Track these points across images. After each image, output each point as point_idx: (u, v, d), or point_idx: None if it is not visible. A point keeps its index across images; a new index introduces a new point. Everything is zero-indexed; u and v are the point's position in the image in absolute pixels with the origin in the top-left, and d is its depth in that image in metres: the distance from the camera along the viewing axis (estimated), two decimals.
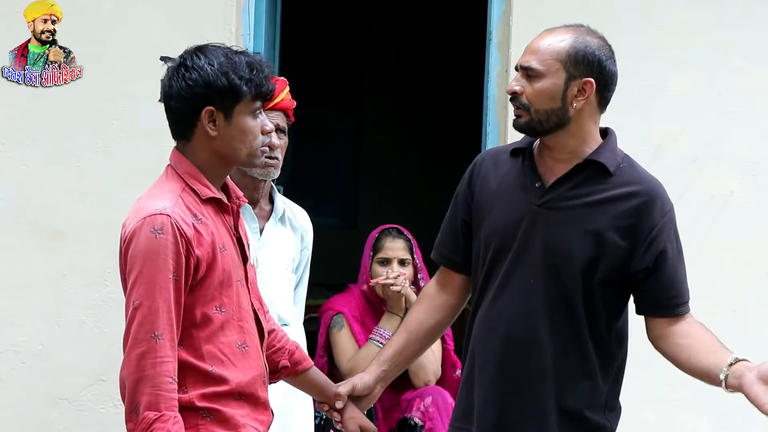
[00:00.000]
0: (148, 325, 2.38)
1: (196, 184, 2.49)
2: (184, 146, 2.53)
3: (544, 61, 2.64)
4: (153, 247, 2.39)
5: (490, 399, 2.72)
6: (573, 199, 2.66)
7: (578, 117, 2.67)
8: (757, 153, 4.37)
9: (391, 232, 4.46)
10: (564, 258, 2.63)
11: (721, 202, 4.37)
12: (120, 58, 4.38)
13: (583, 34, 2.68)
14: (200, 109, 2.46)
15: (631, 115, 4.34)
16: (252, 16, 4.41)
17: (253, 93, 2.48)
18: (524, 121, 2.68)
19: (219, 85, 2.44)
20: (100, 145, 4.38)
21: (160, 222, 2.40)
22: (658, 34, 4.38)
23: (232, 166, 2.56)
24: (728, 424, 4.33)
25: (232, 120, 2.48)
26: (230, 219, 2.57)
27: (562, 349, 2.65)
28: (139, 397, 2.37)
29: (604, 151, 2.69)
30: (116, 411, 4.32)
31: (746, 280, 4.35)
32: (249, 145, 2.51)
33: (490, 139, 4.45)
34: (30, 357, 4.36)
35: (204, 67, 2.46)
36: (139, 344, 2.38)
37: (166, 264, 2.39)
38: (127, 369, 2.39)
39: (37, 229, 4.39)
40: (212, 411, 2.45)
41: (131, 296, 2.41)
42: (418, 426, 4.27)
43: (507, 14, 4.39)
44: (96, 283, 4.36)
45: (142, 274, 2.39)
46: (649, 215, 2.63)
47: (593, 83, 2.65)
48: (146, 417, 2.36)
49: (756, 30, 4.38)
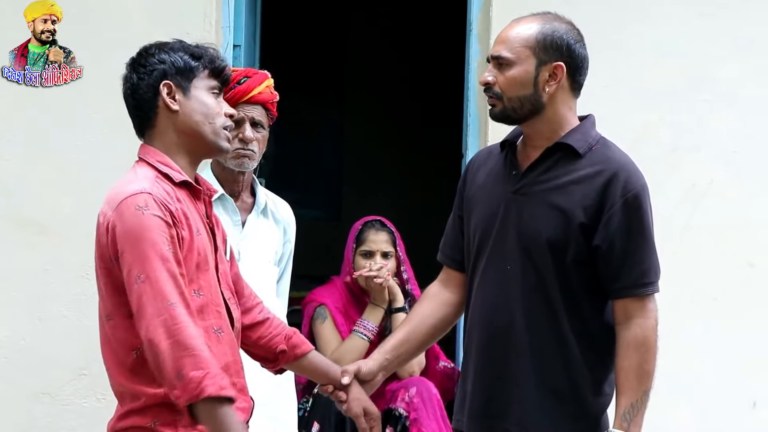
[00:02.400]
0: (160, 296, 2.36)
1: (168, 169, 2.52)
2: (150, 135, 2.57)
3: (514, 49, 2.68)
4: (142, 223, 2.39)
5: (478, 386, 2.76)
6: (544, 183, 2.70)
7: (552, 102, 2.70)
8: (736, 142, 4.39)
9: (374, 224, 4.47)
10: (534, 241, 2.66)
11: (701, 191, 4.39)
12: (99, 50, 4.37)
13: (551, 20, 2.73)
14: (158, 85, 2.52)
15: (610, 105, 4.36)
16: (232, 8, 4.41)
17: (208, 67, 2.55)
18: (498, 109, 2.72)
19: (173, 60, 2.53)
20: (84, 138, 4.38)
21: (143, 200, 2.41)
22: (638, 25, 4.40)
23: (199, 148, 2.57)
24: (708, 413, 4.35)
25: (190, 94, 2.54)
26: (202, 206, 2.58)
27: (540, 334, 2.67)
28: (179, 361, 2.33)
29: (575, 133, 2.72)
30: (99, 405, 4.32)
31: (727, 268, 4.37)
32: (211, 121, 2.55)
33: (471, 129, 4.47)
34: (12, 352, 4.36)
35: (157, 53, 2.56)
36: (160, 314, 2.35)
37: (159, 236, 2.39)
38: (157, 340, 2.35)
39: (20, 224, 4.39)
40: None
41: (132, 273, 2.37)
42: (403, 416, 4.29)
43: (487, 5, 4.40)
44: (78, 277, 4.35)
45: (138, 249, 2.38)
46: (610, 193, 2.64)
47: (563, 67, 2.69)
48: (193, 377, 2.33)
49: (734, 20, 4.40)
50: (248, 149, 3.51)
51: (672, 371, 4.35)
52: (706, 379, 4.35)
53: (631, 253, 2.65)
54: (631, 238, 2.65)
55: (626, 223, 2.64)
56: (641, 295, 2.66)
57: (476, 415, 2.75)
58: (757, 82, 4.40)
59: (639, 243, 2.66)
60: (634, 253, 2.65)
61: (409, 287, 4.43)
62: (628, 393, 2.63)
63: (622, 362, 2.64)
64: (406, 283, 4.45)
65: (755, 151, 4.39)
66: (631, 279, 2.65)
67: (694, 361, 4.35)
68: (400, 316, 4.31)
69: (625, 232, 2.64)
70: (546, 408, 2.67)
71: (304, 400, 4.30)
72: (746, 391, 4.35)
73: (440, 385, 4.42)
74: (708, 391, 4.36)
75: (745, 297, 4.36)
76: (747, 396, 4.36)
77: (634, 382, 2.62)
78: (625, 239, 2.64)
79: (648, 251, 2.67)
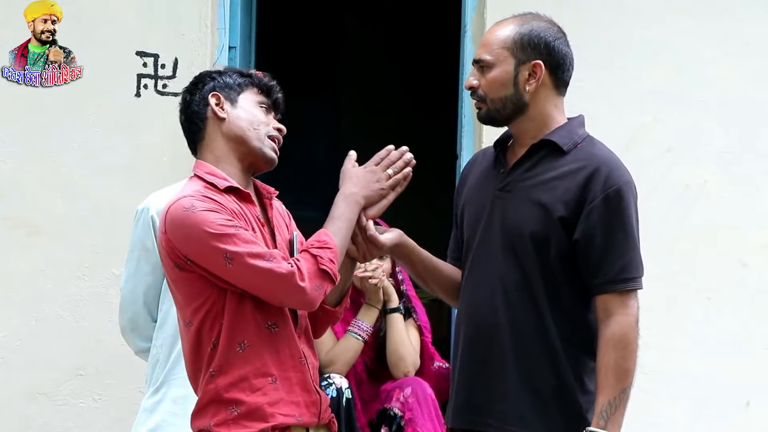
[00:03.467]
0: (250, 257, 2.46)
1: (213, 178, 2.59)
2: (201, 148, 2.66)
3: (493, 51, 2.72)
4: (195, 220, 2.47)
5: (462, 382, 2.77)
6: (528, 179, 2.72)
7: (535, 101, 2.73)
8: (730, 143, 4.40)
9: None
10: (517, 236, 2.68)
11: (695, 192, 4.40)
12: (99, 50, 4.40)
13: (529, 20, 2.76)
14: (207, 96, 2.64)
15: (605, 106, 4.38)
16: (227, 10, 4.43)
17: (256, 84, 2.68)
18: (484, 112, 2.76)
19: (223, 78, 2.67)
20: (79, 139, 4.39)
21: (188, 202, 2.50)
22: (632, 26, 4.42)
23: (246, 156, 2.64)
24: (702, 412, 4.36)
25: (238, 104, 2.65)
26: (256, 209, 2.65)
27: (524, 330, 2.69)
28: (299, 272, 2.49)
29: (560, 130, 2.74)
30: (95, 405, 4.34)
31: (720, 268, 4.38)
32: (256, 127, 2.64)
33: (466, 130, 4.48)
34: (8, 352, 4.38)
35: (210, 74, 2.71)
36: (268, 268, 2.46)
37: (213, 223, 2.46)
38: (289, 288, 2.48)
39: (15, 225, 4.40)
40: (237, 403, 2.49)
41: (218, 263, 2.46)
42: (398, 416, 4.29)
43: (481, 7, 4.42)
44: (74, 278, 4.37)
45: (206, 244, 2.46)
46: (591, 187, 2.65)
47: (542, 65, 2.71)
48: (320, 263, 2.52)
49: (727, 21, 4.42)
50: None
51: (666, 371, 4.37)
52: (700, 378, 4.36)
53: (611, 247, 2.65)
54: (612, 233, 2.64)
55: (607, 218, 2.64)
56: (621, 291, 2.66)
57: (460, 410, 2.77)
58: (750, 83, 4.41)
59: (619, 238, 2.65)
60: (614, 248, 2.65)
61: (404, 288, 4.45)
62: (605, 390, 2.63)
63: (601, 359, 2.65)
64: (401, 284, 4.46)
65: (748, 151, 4.41)
66: (611, 274, 2.65)
67: (688, 360, 4.36)
68: (395, 316, 4.33)
69: (605, 226, 2.64)
70: (528, 404, 2.68)
71: None
72: (740, 391, 4.36)
73: (435, 386, 4.43)
74: (702, 390, 4.37)
75: (738, 297, 4.37)
76: (741, 395, 4.37)
77: (612, 380, 2.63)
78: (605, 234, 2.64)
79: (629, 247, 2.67)
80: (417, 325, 4.50)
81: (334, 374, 4.28)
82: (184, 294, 2.55)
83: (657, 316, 4.36)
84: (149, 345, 3.42)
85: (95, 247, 4.36)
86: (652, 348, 4.32)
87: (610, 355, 2.64)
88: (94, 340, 4.33)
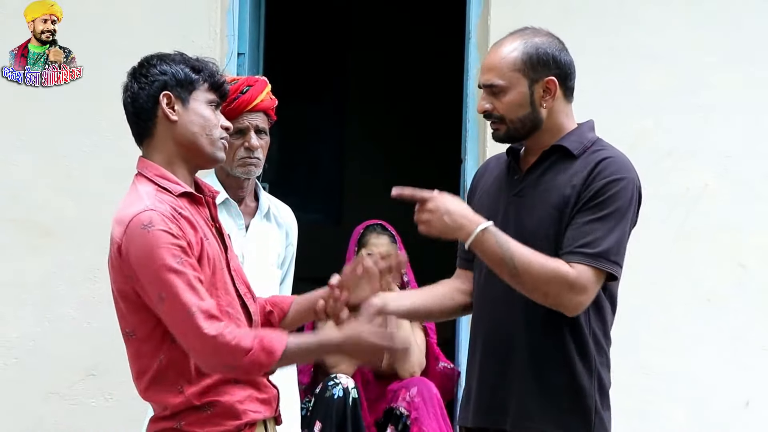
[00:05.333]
0: (183, 310, 2.39)
1: (167, 182, 2.54)
2: (148, 146, 2.59)
3: (504, 74, 2.73)
4: (149, 241, 2.41)
5: (482, 381, 2.80)
6: (541, 184, 2.76)
7: (550, 114, 2.76)
8: (730, 147, 4.43)
9: (375, 228, 4.52)
10: (532, 239, 2.70)
11: (696, 195, 4.43)
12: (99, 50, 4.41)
13: (531, 37, 2.76)
14: (158, 95, 2.54)
15: (607, 111, 4.40)
16: (236, 17, 4.44)
17: (208, 81, 2.58)
18: (503, 132, 2.78)
19: (174, 72, 2.55)
20: (90, 143, 4.42)
21: (147, 218, 2.43)
22: (633, 32, 4.45)
23: (196, 158, 2.59)
24: (702, 412, 4.39)
25: (189, 105, 2.55)
26: (206, 211, 2.62)
27: (540, 329, 2.72)
28: (225, 359, 2.40)
29: (570, 136, 2.78)
30: (108, 404, 4.37)
31: (720, 270, 4.41)
32: (209, 132, 2.57)
33: (470, 135, 4.50)
34: (22, 353, 4.41)
35: (158, 63, 2.57)
36: (187, 327, 2.40)
37: (167, 251, 2.41)
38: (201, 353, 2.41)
39: (27, 227, 4.44)
40: (211, 404, 2.48)
41: (153, 294, 2.41)
42: (404, 416, 4.33)
43: (485, 14, 4.45)
44: (85, 279, 4.40)
45: (151, 269, 2.41)
46: (594, 176, 2.68)
47: (555, 80, 2.74)
48: (253, 360, 2.40)
49: (727, 27, 4.45)
50: (254, 157, 3.58)
51: (666, 371, 4.40)
52: (700, 378, 4.38)
53: (592, 223, 2.65)
54: (598, 213, 2.66)
55: (599, 200, 2.66)
56: (585, 263, 2.64)
57: (481, 410, 2.80)
58: (749, 88, 4.44)
59: (603, 219, 2.66)
60: (596, 226, 2.65)
61: (409, 290, 4.48)
62: (513, 242, 2.65)
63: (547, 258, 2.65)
64: (407, 286, 4.49)
65: (748, 155, 4.44)
66: (579, 243, 2.65)
67: (687, 361, 4.39)
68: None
69: (594, 206, 2.66)
70: (545, 401, 2.71)
71: (307, 400, 4.34)
72: (739, 391, 4.39)
73: (440, 386, 4.47)
74: (701, 390, 4.38)
75: (737, 298, 4.40)
76: (740, 395, 4.40)
77: (521, 247, 2.63)
78: (591, 212, 2.66)
79: (611, 230, 2.66)
80: (422, 327, 4.55)
81: (340, 374, 4.32)
82: (128, 305, 2.49)
83: (657, 317, 4.41)
84: None
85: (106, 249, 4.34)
86: (651, 348, 4.38)
87: (548, 261, 2.64)
88: (106, 340, 4.31)
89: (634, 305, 4.39)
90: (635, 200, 2.74)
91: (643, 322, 4.40)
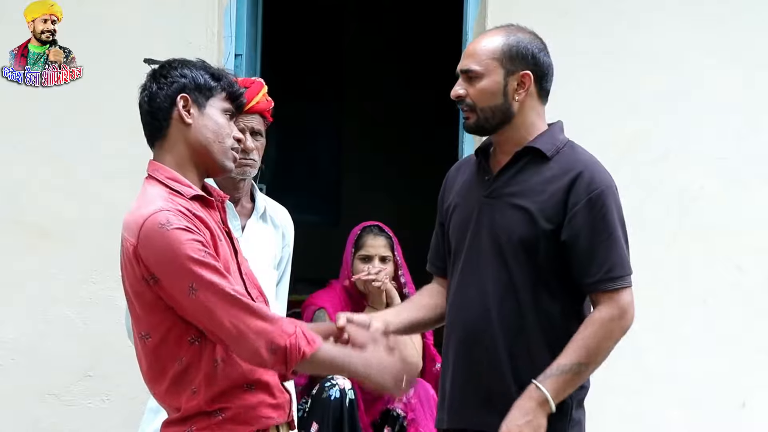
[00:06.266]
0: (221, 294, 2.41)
1: (178, 185, 2.54)
2: (160, 147, 2.59)
3: (482, 61, 2.78)
4: (170, 240, 2.41)
5: (455, 383, 2.84)
6: (513, 185, 2.79)
7: (521, 110, 2.80)
8: (725, 149, 4.45)
9: (372, 229, 4.53)
10: (506, 241, 2.75)
11: (692, 197, 4.45)
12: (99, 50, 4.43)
13: (515, 32, 2.82)
14: (175, 96, 2.55)
15: (604, 112, 4.43)
16: (234, 18, 4.45)
17: (226, 90, 2.61)
18: (472, 121, 2.82)
19: (194, 76, 2.58)
20: (88, 143, 4.43)
21: (164, 217, 2.43)
22: (629, 34, 4.46)
23: (206, 164, 2.60)
24: (698, 414, 4.40)
25: (205, 111, 2.57)
26: (217, 214, 2.62)
27: (513, 329, 2.75)
28: (267, 339, 2.41)
29: (543, 137, 2.81)
30: (104, 406, 4.38)
31: (716, 272, 4.43)
32: (221, 140, 2.58)
33: (467, 136, 4.50)
34: (19, 353, 4.42)
35: (179, 67, 2.60)
36: (231, 309, 2.41)
37: (190, 246, 2.41)
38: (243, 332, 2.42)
39: (26, 228, 4.44)
40: (222, 410, 2.48)
41: (182, 288, 2.40)
42: (401, 417, 4.33)
43: (482, 14, 4.46)
44: (83, 280, 4.41)
45: (177, 265, 2.41)
46: (575, 191, 2.73)
47: (531, 75, 2.78)
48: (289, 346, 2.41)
49: (723, 30, 4.46)
50: (249, 158, 3.59)
51: (663, 372, 4.41)
52: (697, 380, 4.39)
53: (596, 250, 2.72)
54: (596, 236, 2.72)
55: (591, 221, 2.71)
56: (609, 290, 2.74)
57: (456, 410, 2.84)
58: (745, 90, 4.46)
59: (603, 240, 2.73)
60: (599, 250, 2.72)
61: (406, 291, 4.48)
62: (563, 356, 2.69)
63: (576, 332, 2.72)
64: (404, 287, 4.50)
65: (744, 157, 4.45)
66: (598, 275, 2.72)
67: (684, 362, 4.40)
68: None
69: (589, 229, 2.71)
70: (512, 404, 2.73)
71: (303, 401, 4.35)
72: (736, 392, 4.40)
73: (437, 386, 4.47)
74: (698, 391, 4.40)
75: (733, 300, 4.42)
76: (736, 396, 4.41)
77: (571, 349, 2.69)
78: (590, 237, 2.72)
79: (613, 248, 2.74)
80: None
81: (336, 375, 4.33)
82: (144, 307, 2.48)
83: (653, 319, 4.40)
84: None
85: (104, 250, 4.35)
86: (648, 350, 4.39)
87: (581, 331, 2.72)
88: (103, 342, 4.35)
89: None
90: (620, 202, 2.79)
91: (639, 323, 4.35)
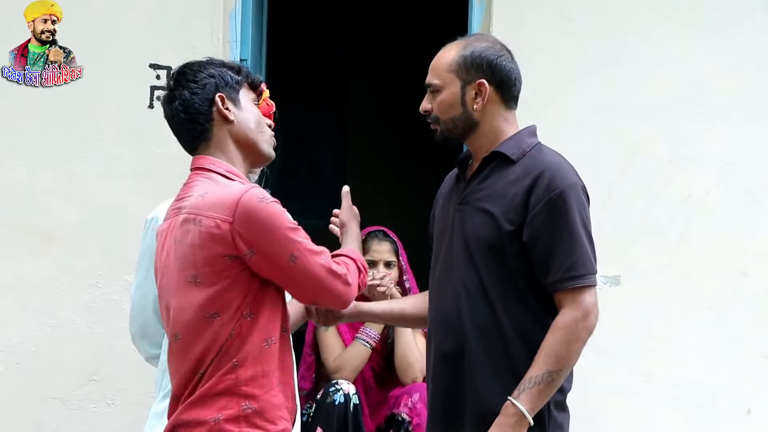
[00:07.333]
0: (315, 260, 2.52)
1: (237, 179, 2.58)
2: (206, 150, 2.62)
3: (440, 75, 2.87)
4: (271, 211, 2.48)
5: (435, 387, 2.88)
6: (481, 190, 2.84)
7: (485, 117, 2.85)
8: (731, 154, 4.45)
9: (377, 234, 4.53)
10: (475, 245, 2.79)
11: (697, 202, 4.45)
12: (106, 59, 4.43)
13: (472, 42, 2.88)
14: (212, 97, 2.59)
15: (608, 118, 4.43)
16: (239, 23, 4.45)
17: (248, 80, 2.67)
18: (438, 133, 2.91)
19: (220, 74, 2.62)
20: (91, 148, 4.43)
21: (261, 192, 2.49)
22: (634, 39, 4.46)
23: (252, 156, 2.65)
24: (703, 420, 4.40)
25: (241, 105, 2.63)
26: None
27: (486, 331, 2.78)
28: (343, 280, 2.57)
29: (508, 141, 2.85)
30: (108, 410, 4.38)
31: (721, 278, 4.43)
32: (263, 129, 2.66)
33: None
34: (23, 357, 4.42)
35: (204, 68, 2.63)
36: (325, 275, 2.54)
37: (286, 216, 2.51)
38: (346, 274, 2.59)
39: (29, 233, 4.45)
40: (253, 399, 2.47)
41: (282, 257, 2.49)
42: (406, 422, 4.33)
43: (487, 20, 4.48)
44: (87, 285, 4.41)
45: (279, 235, 2.48)
46: (535, 192, 2.75)
47: (485, 83, 2.82)
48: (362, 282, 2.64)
49: (728, 35, 4.47)
50: None
51: (667, 379, 4.41)
52: (701, 386, 4.39)
53: (556, 249, 2.73)
54: (556, 234, 2.73)
55: (550, 221, 2.73)
56: (570, 288, 2.73)
57: (437, 414, 2.87)
58: (750, 95, 4.46)
59: (564, 239, 2.73)
60: (559, 250, 2.73)
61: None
62: (533, 367, 2.71)
63: (543, 341, 2.74)
64: (409, 292, 4.50)
65: (749, 163, 4.45)
66: (558, 274, 2.73)
67: (689, 368, 4.40)
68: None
69: (549, 229, 2.73)
70: (497, 401, 2.75)
71: (308, 406, 4.35)
72: (741, 398, 4.40)
73: None
74: (703, 398, 4.39)
75: (738, 305, 4.41)
76: (742, 403, 4.41)
77: (541, 359, 2.71)
78: (550, 236, 2.73)
79: (574, 246, 2.74)
80: (424, 332, 4.55)
81: (342, 380, 4.33)
82: (222, 284, 2.49)
83: (658, 324, 4.42)
84: (159, 351, 3.45)
85: (108, 254, 4.40)
86: (652, 355, 4.39)
87: (548, 339, 2.73)
88: (107, 345, 4.36)
89: (634, 312, 4.40)
90: (583, 201, 2.80)
91: (643, 328, 4.41)
